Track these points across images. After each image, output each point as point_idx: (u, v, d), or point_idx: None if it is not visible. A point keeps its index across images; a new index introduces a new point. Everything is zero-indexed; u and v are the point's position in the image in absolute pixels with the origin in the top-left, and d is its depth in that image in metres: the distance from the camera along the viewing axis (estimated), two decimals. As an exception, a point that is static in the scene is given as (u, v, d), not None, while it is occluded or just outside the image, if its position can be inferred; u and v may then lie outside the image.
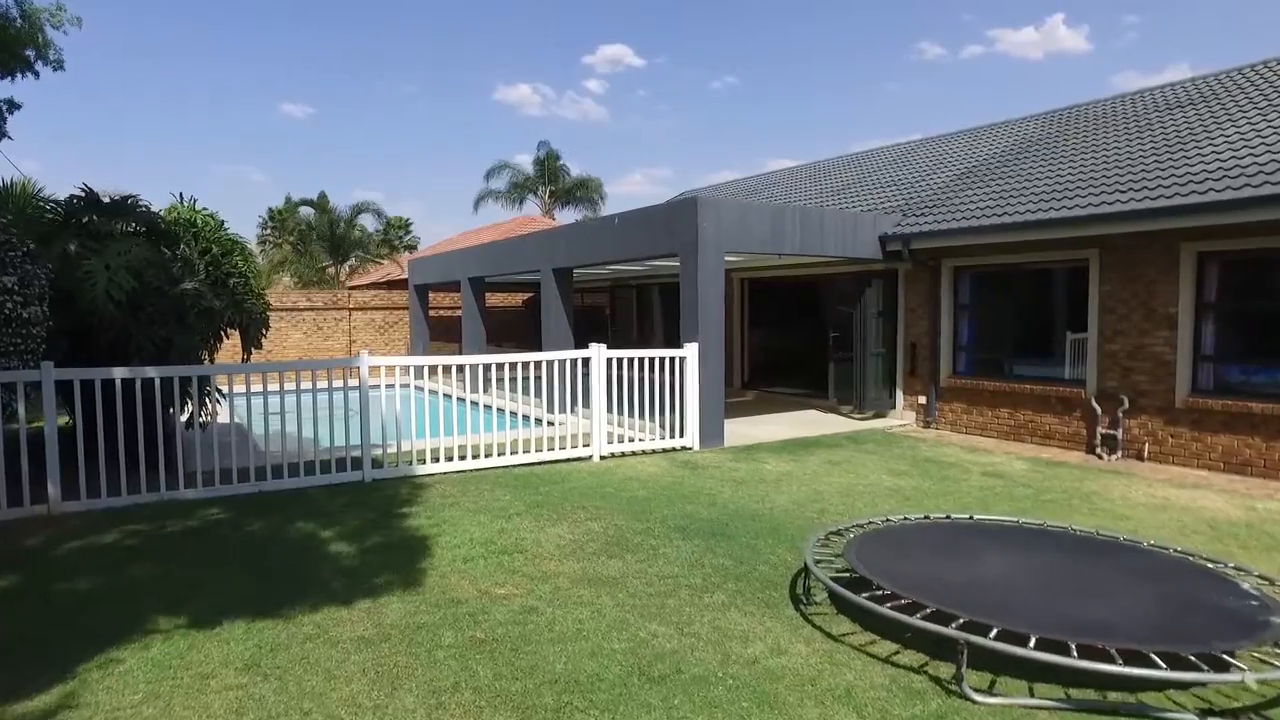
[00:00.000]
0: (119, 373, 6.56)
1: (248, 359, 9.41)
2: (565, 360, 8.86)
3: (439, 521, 6.28)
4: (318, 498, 7.11)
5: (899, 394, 12.47)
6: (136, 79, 71.08)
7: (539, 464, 8.71)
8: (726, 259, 13.71)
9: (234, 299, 8.90)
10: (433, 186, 79.20)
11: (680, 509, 6.92)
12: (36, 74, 14.95)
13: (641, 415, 9.44)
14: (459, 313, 20.85)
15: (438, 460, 8.18)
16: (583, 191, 35.91)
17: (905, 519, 5.63)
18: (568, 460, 8.92)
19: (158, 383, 6.71)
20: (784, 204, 14.04)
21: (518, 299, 23.73)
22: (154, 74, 71.68)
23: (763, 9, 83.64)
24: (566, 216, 35.25)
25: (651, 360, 9.43)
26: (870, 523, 5.58)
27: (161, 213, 9.49)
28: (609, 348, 9.01)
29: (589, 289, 21.15)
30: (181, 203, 9.80)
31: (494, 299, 22.32)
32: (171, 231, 9.03)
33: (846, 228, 11.35)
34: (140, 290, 7.90)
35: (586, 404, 9.16)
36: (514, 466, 8.54)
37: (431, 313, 20.22)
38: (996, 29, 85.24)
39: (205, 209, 9.81)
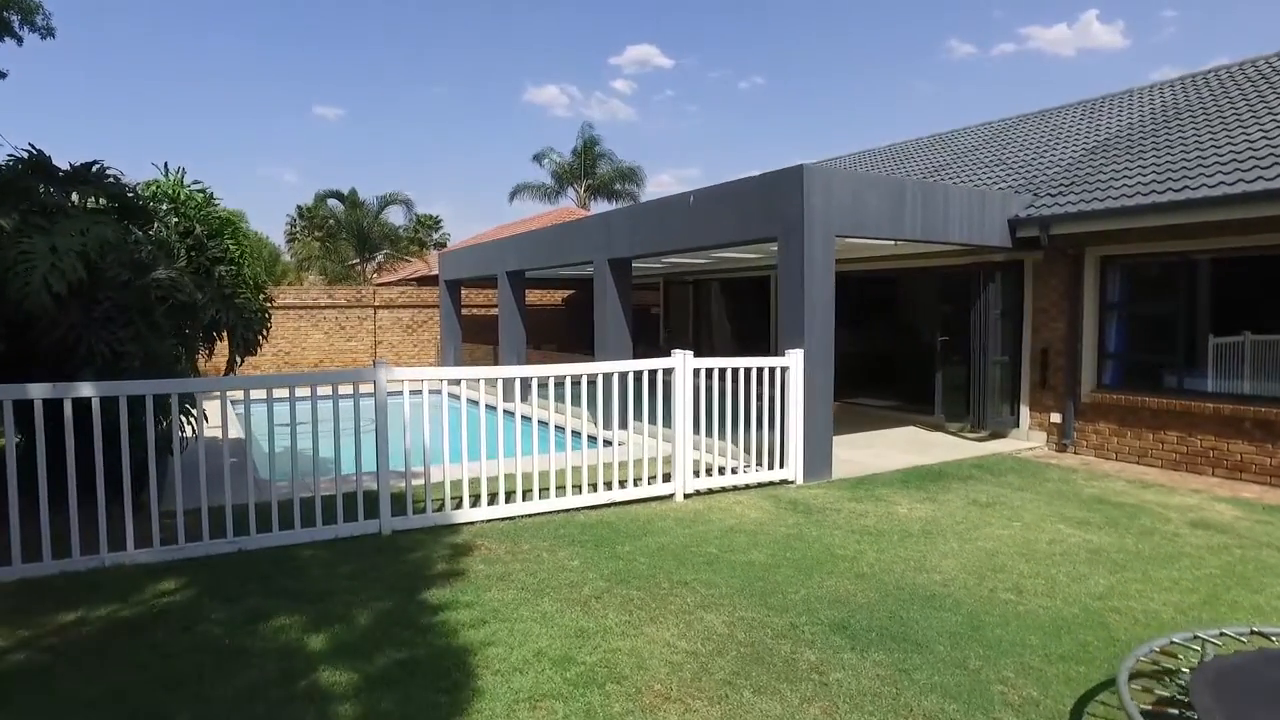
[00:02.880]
0: (36, 391, 4.68)
1: (235, 368, 7.54)
2: (642, 372, 6.88)
3: (486, 613, 4.31)
4: (316, 563, 5.18)
5: (1023, 410, 10.35)
6: (160, 83, 70.40)
7: (609, 506, 6.74)
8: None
9: (220, 292, 7.02)
10: (462, 188, 78.01)
11: (821, 585, 4.92)
12: (20, 39, 13.28)
13: (725, 438, 7.45)
14: (494, 311, 18.99)
15: (478, 503, 6.24)
16: (623, 184, 33.88)
17: (1222, 632, 3.58)
18: (644, 500, 6.94)
19: (96, 404, 4.82)
20: (901, 178, 11.97)
21: (557, 297, 21.84)
22: (178, 77, 70.94)
23: (790, 9, 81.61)
24: (602, 210, 33.33)
25: (747, 371, 7.43)
26: (1172, 642, 3.54)
27: (139, 186, 7.68)
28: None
29: (637, 284, 19.18)
30: (166, 174, 7.96)
31: (530, 296, 20.44)
32: (146, 208, 7.20)
33: (973, 209, 9.26)
34: (94, 280, 6.07)
35: (658, 422, 7.19)
36: (577, 511, 6.57)
37: (464, 311, 18.36)
38: (1028, 26, 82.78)
39: (197, 182, 7.98)
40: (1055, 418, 9.95)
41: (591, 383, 6.71)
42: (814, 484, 7.82)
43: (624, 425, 6.82)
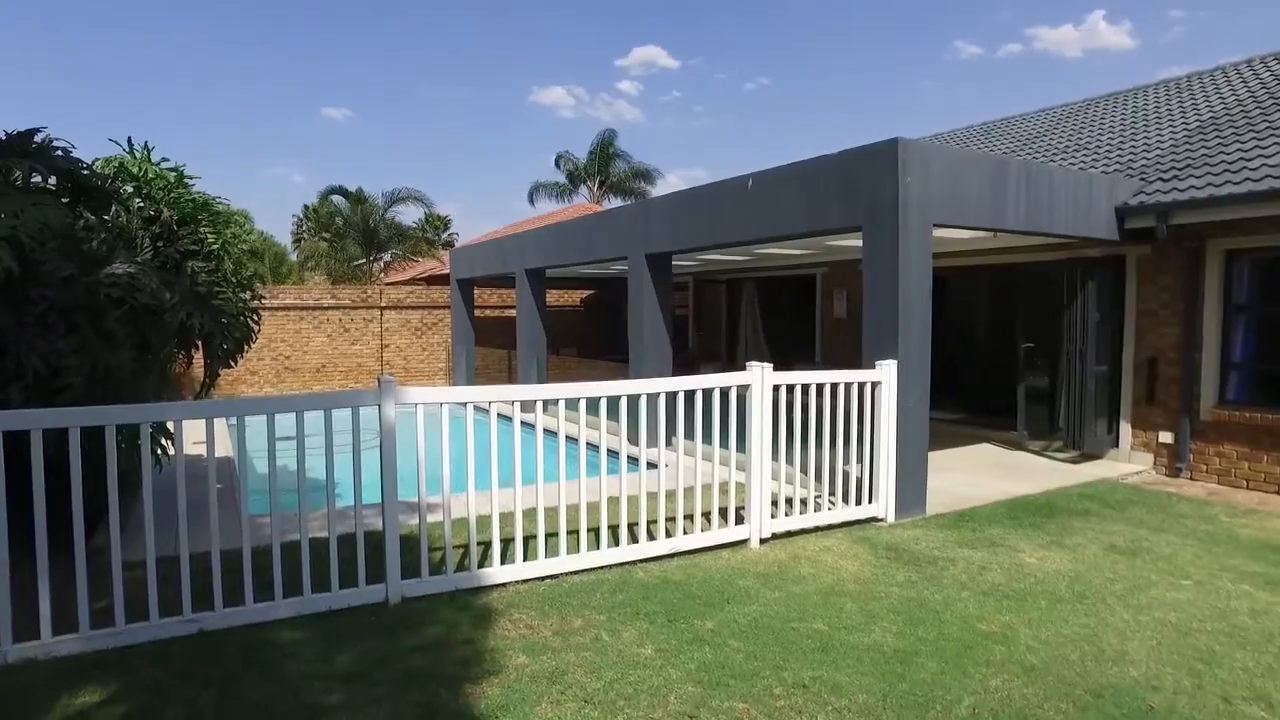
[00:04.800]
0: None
1: (213, 381, 6.24)
2: (713, 390, 5.55)
3: (540, 751, 3.00)
4: (301, 651, 3.87)
5: (1123, 427, 9.01)
6: (163, 83, 69.61)
7: (672, 557, 5.43)
8: (845, 241, 10.36)
9: (193, 291, 5.73)
10: (469, 189, 77.05)
11: (985, 686, 3.60)
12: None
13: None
14: (510, 312, 17.73)
15: (509, 554, 4.93)
16: (637, 184, 32.54)
17: None
18: (714, 548, 5.63)
19: (-4, 442, 3.53)
20: (1004, 156, 10.63)
21: (575, 297, 20.52)
22: (181, 77, 70.12)
23: (795, 10, 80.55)
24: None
25: (832, 388, 6.11)
26: None
27: (98, 164, 6.40)
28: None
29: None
30: (131, 151, 6.67)
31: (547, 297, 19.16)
32: (106, 188, 5.92)
33: (1079, 194, 7.92)
34: (26, 274, 4.80)
35: (729, 445, 5.88)
36: (633, 565, 5.25)
37: (476, 312, 17.06)
38: (1035, 27, 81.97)
39: (166, 160, 6.69)
40: (1165, 437, 8.60)
41: (653, 400, 5.38)
42: (907, 521, 6.51)
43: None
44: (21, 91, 60.95)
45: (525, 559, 4.92)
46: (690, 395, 5.45)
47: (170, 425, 5.53)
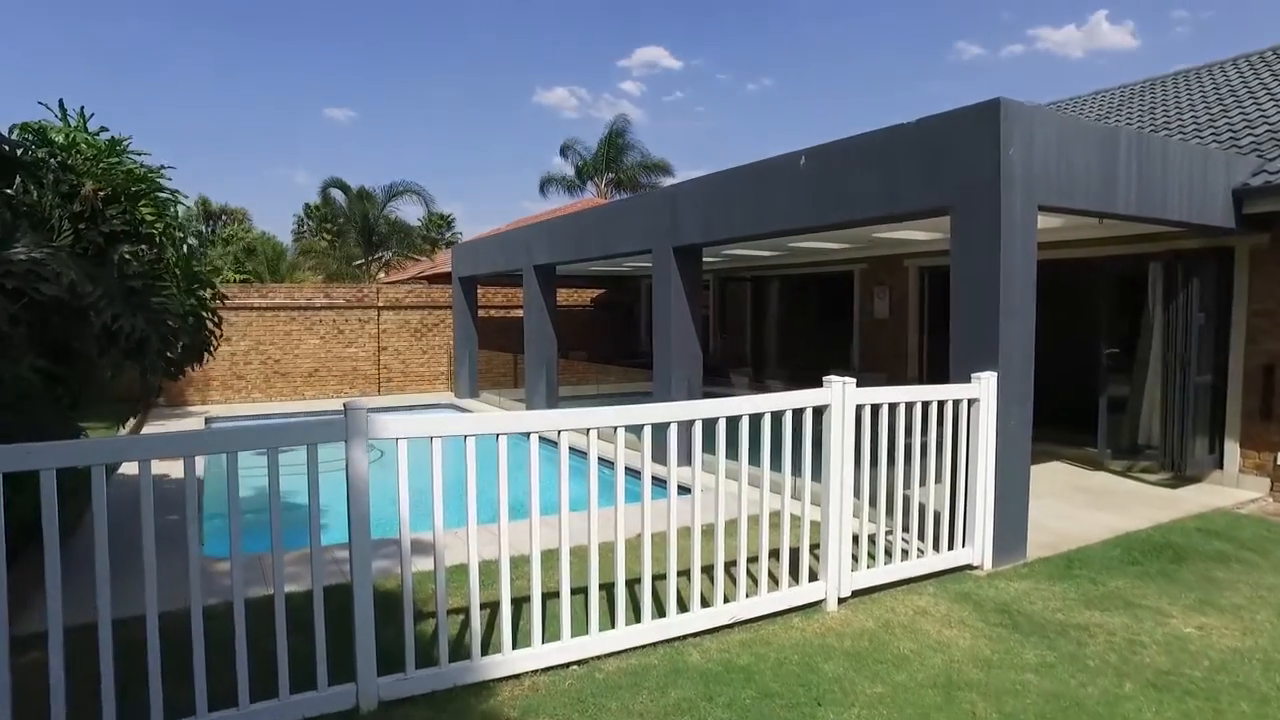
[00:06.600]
0: None
1: (152, 394, 5.03)
2: (783, 413, 4.32)
3: None
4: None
5: (1229, 447, 7.77)
6: (165, 83, 68.76)
7: (730, 627, 4.21)
8: (904, 233, 9.22)
9: (123, 284, 4.52)
10: (471, 190, 75.91)
11: None
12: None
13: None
14: (517, 313, 16.55)
15: (522, 631, 3.73)
16: (650, 177, 31.26)
17: None
18: (782, 614, 4.41)
19: None
20: (1113, 125, 9.44)
21: (585, 296, 19.30)
22: (183, 77, 69.20)
23: (798, 11, 79.29)
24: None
25: (925, 406, 4.90)
26: None
27: (15, 132, 5.21)
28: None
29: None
30: (64, 117, 5.49)
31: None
32: (12, 157, 4.73)
33: (1194, 173, 6.69)
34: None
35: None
36: (683, 642, 4.04)
37: (480, 313, 15.88)
38: (1037, 27, 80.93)
39: (105, 130, 5.51)
40: (1285, 459, 7.37)
41: (709, 426, 4.16)
42: (1008, 569, 5.29)
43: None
44: (19, 86, 59.93)
45: (545, 638, 3.71)
46: (756, 420, 4.23)
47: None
